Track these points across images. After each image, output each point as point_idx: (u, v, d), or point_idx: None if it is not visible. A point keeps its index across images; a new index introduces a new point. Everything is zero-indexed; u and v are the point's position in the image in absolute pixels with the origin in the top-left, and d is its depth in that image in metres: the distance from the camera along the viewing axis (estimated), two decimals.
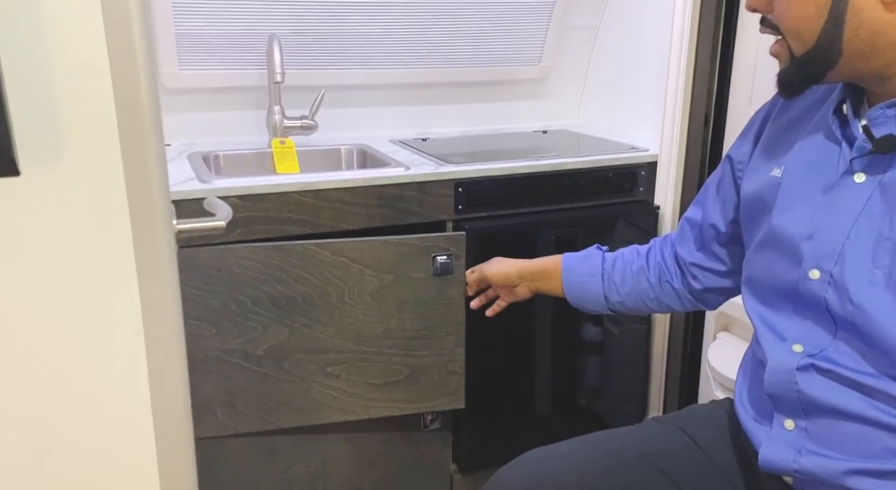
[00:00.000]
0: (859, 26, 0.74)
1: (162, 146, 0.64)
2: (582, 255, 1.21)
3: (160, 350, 0.67)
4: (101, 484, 0.68)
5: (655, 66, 1.69)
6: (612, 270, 1.16)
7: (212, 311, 1.31)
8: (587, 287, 1.18)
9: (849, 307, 0.78)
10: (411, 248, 1.37)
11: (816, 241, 0.82)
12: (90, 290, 0.63)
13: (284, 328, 1.35)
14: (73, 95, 0.57)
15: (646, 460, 0.98)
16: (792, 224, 0.85)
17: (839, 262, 0.80)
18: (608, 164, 1.57)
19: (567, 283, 1.20)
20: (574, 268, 1.20)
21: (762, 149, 0.95)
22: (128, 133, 0.60)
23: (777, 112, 0.95)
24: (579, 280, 1.19)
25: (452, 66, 1.83)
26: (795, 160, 0.88)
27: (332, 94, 1.71)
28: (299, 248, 1.31)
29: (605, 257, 1.18)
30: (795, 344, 0.83)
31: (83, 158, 0.59)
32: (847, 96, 0.83)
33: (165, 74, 1.57)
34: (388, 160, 1.53)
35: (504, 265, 1.30)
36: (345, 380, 1.41)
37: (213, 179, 1.33)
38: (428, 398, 1.47)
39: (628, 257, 1.17)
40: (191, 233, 0.78)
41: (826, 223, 0.82)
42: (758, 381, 0.91)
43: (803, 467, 0.82)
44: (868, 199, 0.79)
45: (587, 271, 1.18)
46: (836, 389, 0.80)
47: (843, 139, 0.83)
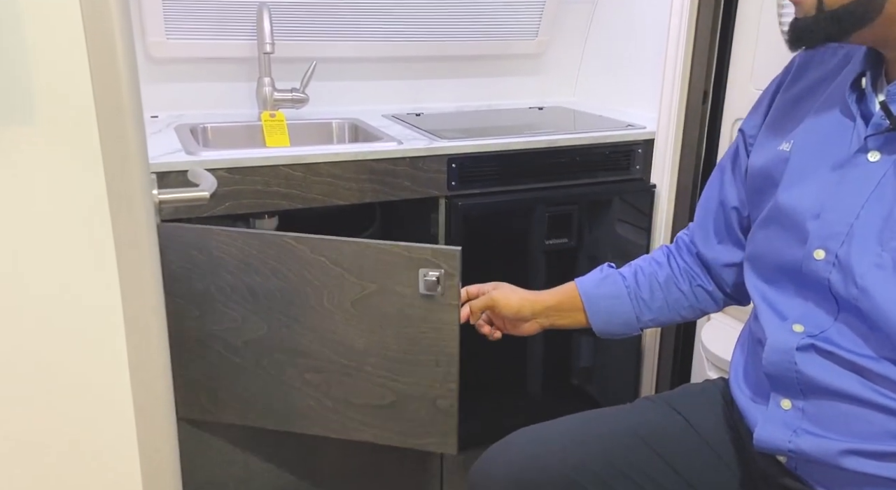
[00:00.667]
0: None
1: (140, 113, 0.61)
2: (596, 278, 1.08)
3: (139, 319, 0.65)
4: (80, 455, 0.66)
5: (654, 42, 1.66)
6: (638, 287, 1.05)
7: (195, 294, 1.26)
8: (615, 311, 1.05)
9: (853, 290, 0.76)
10: (396, 258, 1.19)
11: (823, 220, 0.79)
12: (66, 259, 0.60)
13: (263, 323, 1.25)
14: (46, 60, 0.55)
15: (638, 440, 0.97)
16: (799, 201, 0.82)
17: (846, 242, 0.77)
18: (604, 141, 1.55)
19: (592, 312, 1.06)
20: (595, 293, 1.07)
21: (771, 121, 0.92)
22: (104, 99, 0.57)
23: (788, 83, 0.92)
24: (604, 306, 1.06)
25: (447, 40, 1.79)
26: (805, 134, 0.85)
27: (323, 66, 1.67)
28: (277, 239, 1.18)
29: (623, 275, 1.06)
30: (796, 324, 0.82)
31: (57, 123, 0.56)
32: (867, 69, 0.79)
33: (152, 43, 1.53)
34: (381, 135, 1.50)
35: (517, 297, 1.12)
36: (324, 392, 1.29)
37: (201, 151, 1.29)
38: (414, 434, 1.30)
39: (649, 269, 1.06)
40: (173, 203, 0.76)
41: (835, 202, 0.79)
42: (755, 360, 0.89)
43: (799, 447, 0.81)
44: (881, 178, 0.76)
45: (611, 294, 1.05)
46: (835, 371, 0.79)
47: (859, 114, 0.79)
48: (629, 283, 1.05)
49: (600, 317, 1.06)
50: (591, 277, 1.08)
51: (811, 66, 0.90)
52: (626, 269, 1.07)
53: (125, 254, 0.62)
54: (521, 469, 0.97)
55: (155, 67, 1.58)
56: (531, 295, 1.11)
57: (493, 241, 1.50)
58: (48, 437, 0.66)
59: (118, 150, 0.59)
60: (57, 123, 0.57)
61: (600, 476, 0.94)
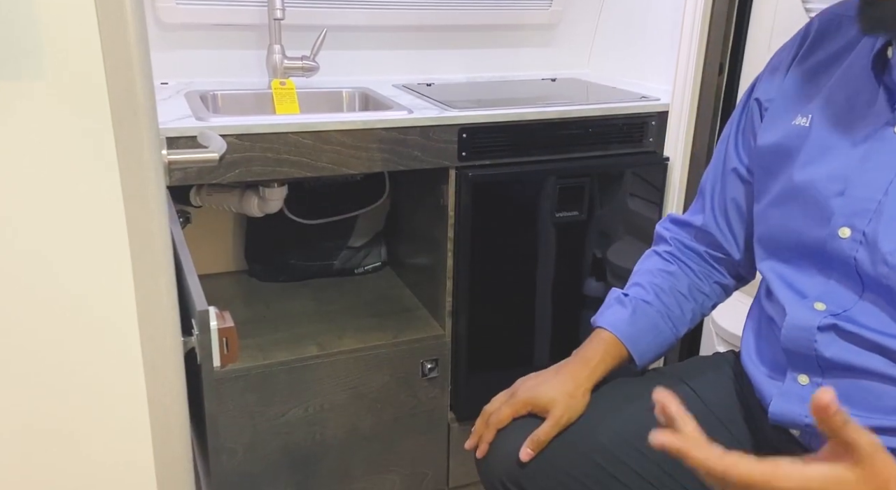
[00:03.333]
0: None
1: (149, 70, 0.60)
2: (625, 316, 0.98)
3: (148, 282, 0.65)
4: (86, 407, 0.67)
5: (670, 14, 1.63)
6: (667, 308, 0.98)
7: None
8: (659, 342, 0.99)
9: (883, 269, 0.73)
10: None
11: (849, 196, 0.76)
12: (75, 216, 0.60)
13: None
14: (54, 15, 0.54)
15: (648, 414, 0.96)
16: (820, 178, 0.79)
17: (874, 220, 0.74)
18: (617, 112, 1.53)
19: (639, 354, 0.97)
20: (635, 335, 0.97)
21: (785, 94, 0.89)
22: (112, 57, 0.56)
23: (804, 52, 0.88)
24: (649, 342, 0.98)
25: (459, 9, 1.76)
26: (826, 108, 0.82)
27: (334, 35, 1.65)
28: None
29: (647, 301, 0.98)
30: (817, 302, 0.79)
31: (65, 79, 0.56)
32: (893, 39, 0.76)
33: (162, 8, 1.52)
34: (391, 104, 1.49)
35: (561, 393, 0.93)
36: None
37: (211, 117, 1.29)
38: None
39: (667, 283, 1.00)
40: (182, 164, 0.75)
41: (860, 177, 0.76)
42: (769, 339, 0.87)
43: (815, 422, 0.81)
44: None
45: (649, 328, 0.98)
46: (856, 351, 0.77)
47: (883, 87, 0.77)
48: (659, 308, 0.98)
49: (648, 355, 0.98)
50: (619, 317, 0.97)
51: (828, 35, 0.87)
52: (642, 292, 0.99)
53: (135, 213, 0.62)
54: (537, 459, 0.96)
55: (165, 34, 1.57)
56: (569, 368, 0.95)
57: (504, 212, 1.49)
58: (55, 408, 0.66)
59: (127, 107, 0.58)
60: (65, 80, 0.56)
61: (611, 450, 0.93)
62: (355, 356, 1.48)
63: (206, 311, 0.69)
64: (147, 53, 0.59)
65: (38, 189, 0.58)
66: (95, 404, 0.66)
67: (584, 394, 0.93)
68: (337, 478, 1.55)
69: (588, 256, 1.61)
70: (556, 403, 0.91)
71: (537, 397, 0.92)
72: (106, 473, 0.69)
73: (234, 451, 1.46)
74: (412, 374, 1.55)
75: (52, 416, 0.65)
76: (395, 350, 1.51)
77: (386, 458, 1.58)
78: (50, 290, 0.61)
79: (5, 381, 0.63)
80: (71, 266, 0.61)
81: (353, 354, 1.48)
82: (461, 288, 1.50)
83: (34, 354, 0.63)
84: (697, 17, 1.44)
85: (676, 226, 1.05)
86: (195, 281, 0.75)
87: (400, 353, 1.51)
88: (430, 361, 1.54)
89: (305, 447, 1.51)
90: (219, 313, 0.67)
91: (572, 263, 1.59)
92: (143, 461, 0.70)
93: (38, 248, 0.60)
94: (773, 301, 0.86)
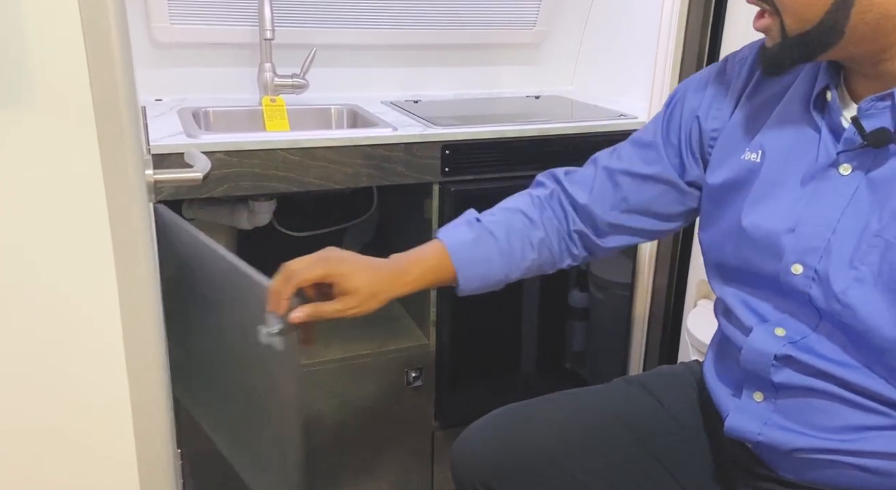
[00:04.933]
0: (868, 10, 0.70)
1: (134, 95, 0.65)
2: (467, 238, 0.95)
3: (133, 294, 0.69)
4: (71, 414, 0.71)
5: (648, 34, 1.69)
6: (510, 248, 0.96)
7: None
8: (487, 275, 0.97)
9: (836, 306, 0.76)
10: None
11: (799, 234, 0.78)
12: (61, 236, 0.64)
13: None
14: (43, 40, 0.59)
15: (613, 419, 1.01)
16: (771, 215, 0.81)
17: (824, 257, 0.77)
18: (596, 130, 1.58)
19: (464, 278, 0.95)
20: (468, 258, 0.95)
21: (734, 128, 0.89)
22: (98, 81, 0.61)
23: (750, 91, 0.89)
24: (478, 271, 0.96)
25: (446, 28, 1.82)
26: (774, 145, 0.84)
27: (325, 54, 1.71)
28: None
29: (494, 234, 0.96)
30: (778, 327, 0.82)
31: (53, 105, 0.61)
32: (830, 83, 0.79)
33: (156, 28, 1.57)
34: (378, 121, 1.54)
35: (366, 275, 0.88)
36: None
37: (201, 134, 1.34)
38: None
39: (521, 226, 0.97)
40: (167, 183, 0.80)
41: (809, 216, 0.78)
42: (728, 360, 0.90)
43: (767, 438, 0.84)
44: (854, 193, 0.76)
45: (484, 257, 0.96)
46: (806, 378, 0.80)
47: (825, 128, 0.79)
48: (502, 247, 0.95)
49: (471, 284, 0.96)
50: (461, 238, 0.95)
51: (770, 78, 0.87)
52: (495, 225, 0.97)
53: (119, 231, 0.66)
54: (499, 447, 1.01)
55: (160, 52, 1.63)
56: (385, 268, 0.90)
57: None
58: (39, 410, 0.70)
59: (113, 130, 0.63)
60: (54, 105, 0.61)
61: (577, 455, 0.98)
62: (341, 365, 1.52)
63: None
64: (132, 81, 0.64)
65: (27, 209, 0.62)
66: (82, 407, 0.71)
67: (382, 301, 0.89)
68: (323, 484, 1.59)
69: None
70: (357, 293, 0.86)
71: (345, 276, 0.86)
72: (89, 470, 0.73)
73: (219, 454, 1.49)
74: (397, 382, 1.59)
75: (39, 417, 0.70)
76: (380, 359, 1.55)
77: (371, 465, 1.62)
78: (40, 300, 0.66)
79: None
80: (60, 279, 0.66)
81: (339, 363, 1.52)
82: (445, 298, 1.55)
83: (22, 367, 0.67)
84: (671, 39, 1.49)
85: (559, 185, 1.02)
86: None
87: (385, 362, 1.56)
88: (414, 370, 1.59)
89: None
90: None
91: (553, 274, 1.64)
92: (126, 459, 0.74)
93: (29, 266, 0.64)
94: (732, 322, 0.89)
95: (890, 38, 0.72)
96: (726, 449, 0.93)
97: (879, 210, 0.74)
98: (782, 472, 0.86)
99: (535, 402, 1.05)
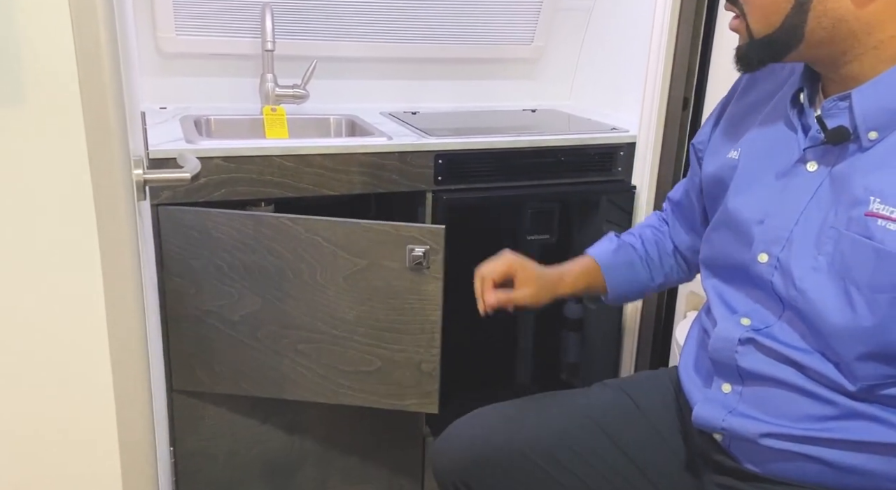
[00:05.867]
0: (823, 15, 0.76)
1: (121, 99, 0.69)
2: (609, 248, 1.11)
3: (118, 292, 0.73)
4: (56, 421, 0.74)
5: (641, 49, 1.72)
6: (647, 253, 1.11)
7: (192, 271, 1.36)
8: (633, 278, 1.11)
9: (793, 292, 0.81)
10: (386, 236, 1.33)
11: (767, 225, 0.85)
12: (49, 232, 0.68)
13: (258, 298, 1.37)
14: (34, 43, 0.63)
15: (589, 421, 1.04)
16: (745, 207, 0.88)
17: (787, 247, 0.83)
18: (588, 142, 1.61)
19: (611, 281, 1.10)
20: (612, 263, 1.11)
21: (723, 129, 0.98)
22: (88, 84, 0.65)
23: (740, 92, 0.98)
24: (623, 274, 1.11)
25: (445, 43, 1.86)
26: (753, 143, 0.91)
27: (326, 65, 1.75)
28: (273, 220, 1.33)
29: (632, 244, 1.12)
30: (744, 318, 0.88)
31: (43, 102, 0.65)
32: (804, 84, 0.85)
33: (162, 38, 1.63)
34: (374, 130, 1.58)
35: (541, 283, 1.07)
36: (315, 360, 1.41)
37: (200, 140, 1.38)
38: (400, 395, 1.44)
39: (653, 236, 1.13)
40: (157, 183, 0.84)
41: (777, 208, 0.84)
42: (703, 349, 0.95)
43: (731, 426, 0.87)
44: (818, 187, 0.82)
45: (626, 262, 1.11)
46: (770, 363, 0.85)
47: (800, 127, 0.85)
48: (641, 253, 1.11)
49: (619, 289, 1.11)
50: (603, 248, 1.12)
51: (760, 79, 0.96)
52: (631, 238, 1.13)
53: (106, 229, 0.70)
54: (477, 444, 1.04)
55: (165, 61, 1.68)
56: (549, 270, 1.10)
57: (476, 233, 1.57)
58: (23, 417, 0.74)
59: (101, 130, 0.67)
60: (44, 105, 0.65)
61: (552, 453, 1.01)
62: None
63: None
64: (119, 81, 0.68)
65: (15, 201, 0.66)
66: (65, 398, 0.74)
67: (550, 296, 1.07)
68: (314, 487, 1.61)
69: None
70: (532, 283, 1.05)
71: (523, 268, 1.06)
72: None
73: (215, 457, 1.53)
74: None
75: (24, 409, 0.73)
76: None
77: (363, 469, 1.65)
78: (25, 291, 0.70)
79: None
80: (45, 272, 0.69)
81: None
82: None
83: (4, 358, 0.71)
84: (661, 55, 1.53)
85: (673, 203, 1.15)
86: None
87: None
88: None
89: (284, 456, 1.58)
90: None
91: None
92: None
93: (15, 256, 0.68)
94: (710, 316, 0.94)
95: (847, 42, 0.77)
96: (698, 445, 0.96)
97: (836, 204, 0.79)
98: (747, 464, 0.88)
99: (514, 403, 1.08)
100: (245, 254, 1.35)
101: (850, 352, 0.78)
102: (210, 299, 1.38)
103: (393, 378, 1.43)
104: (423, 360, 1.42)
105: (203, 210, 1.33)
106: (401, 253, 1.34)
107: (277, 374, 1.43)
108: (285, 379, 1.43)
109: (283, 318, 1.39)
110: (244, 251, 1.35)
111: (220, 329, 1.41)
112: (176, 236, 1.34)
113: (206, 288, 1.38)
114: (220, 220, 1.33)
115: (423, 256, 1.33)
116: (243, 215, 1.33)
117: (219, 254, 1.35)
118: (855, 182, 0.78)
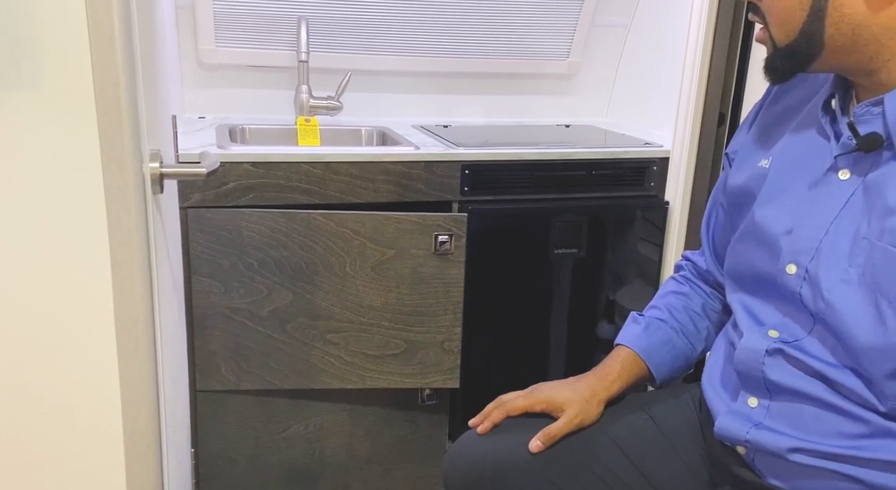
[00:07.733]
0: (840, 21, 0.74)
1: (134, 90, 0.71)
2: (638, 330, 1.04)
3: (126, 284, 0.74)
4: (61, 417, 0.76)
5: (677, 64, 1.70)
6: (680, 323, 1.04)
7: (221, 271, 1.40)
8: (675, 355, 1.03)
9: (821, 304, 0.78)
10: (413, 225, 1.42)
11: (795, 235, 0.82)
12: (58, 220, 0.70)
13: (288, 292, 1.43)
14: (51, 30, 0.65)
15: (606, 438, 1.00)
16: (774, 217, 0.85)
17: (815, 258, 0.80)
18: (619, 156, 1.59)
19: (656, 366, 1.02)
20: (649, 347, 1.03)
21: (752, 138, 0.95)
22: (100, 70, 0.67)
23: (770, 101, 0.95)
24: (664, 355, 1.03)
25: (480, 57, 1.87)
26: (783, 152, 0.88)
27: (361, 78, 1.78)
28: (305, 216, 1.39)
29: (660, 318, 1.04)
30: (772, 330, 0.84)
31: (58, 92, 0.67)
32: (836, 91, 0.83)
33: (203, 50, 1.68)
34: (403, 141, 1.59)
35: (576, 397, 0.99)
36: (343, 348, 1.48)
37: (231, 146, 1.41)
38: (423, 374, 1.52)
39: (679, 303, 1.06)
40: (173, 176, 0.85)
41: (807, 218, 0.82)
42: (730, 364, 0.91)
43: (755, 439, 0.84)
44: (850, 196, 0.79)
45: (663, 340, 1.03)
46: (800, 377, 0.81)
47: (833, 134, 0.82)
48: (672, 325, 1.03)
49: (664, 368, 1.03)
50: (633, 332, 1.04)
51: (791, 87, 0.93)
52: (656, 311, 1.06)
53: (115, 215, 0.71)
54: (486, 455, 1.01)
55: (205, 73, 1.73)
56: (586, 378, 1.01)
57: (502, 245, 1.56)
58: (28, 406, 0.75)
59: (113, 121, 0.69)
60: (58, 93, 0.67)
61: (568, 471, 0.98)
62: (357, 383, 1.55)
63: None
64: (133, 73, 0.70)
65: (26, 189, 0.68)
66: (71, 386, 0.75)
67: (599, 403, 0.99)
68: None
69: (586, 292, 1.66)
70: (572, 404, 0.98)
71: (554, 397, 0.99)
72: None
73: (236, 461, 1.54)
74: (411, 401, 1.60)
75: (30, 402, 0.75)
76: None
77: (383, 480, 1.63)
78: (35, 278, 0.71)
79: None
80: (54, 255, 0.71)
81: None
82: (469, 327, 1.55)
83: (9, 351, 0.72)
84: (696, 71, 1.50)
85: (689, 260, 1.11)
86: None
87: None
88: (428, 389, 1.60)
89: (305, 463, 1.58)
90: None
91: (570, 298, 1.64)
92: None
93: (25, 245, 0.70)
94: (736, 330, 0.91)
95: (872, 48, 0.75)
96: (715, 455, 0.92)
97: (869, 213, 0.76)
98: (771, 479, 0.85)
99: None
100: (276, 250, 1.40)
101: (880, 369, 0.74)
102: (238, 297, 1.42)
103: (416, 358, 1.51)
104: (445, 339, 1.50)
105: (235, 210, 1.37)
106: (427, 241, 1.43)
107: (305, 364, 1.48)
108: (312, 368, 1.48)
109: (312, 310, 1.45)
110: (276, 248, 1.40)
111: (247, 325, 1.44)
112: (204, 237, 1.37)
113: (234, 286, 1.41)
114: (252, 219, 1.37)
115: (448, 242, 1.42)
116: (276, 213, 1.39)
117: (249, 251, 1.40)
118: (889, 191, 0.74)
